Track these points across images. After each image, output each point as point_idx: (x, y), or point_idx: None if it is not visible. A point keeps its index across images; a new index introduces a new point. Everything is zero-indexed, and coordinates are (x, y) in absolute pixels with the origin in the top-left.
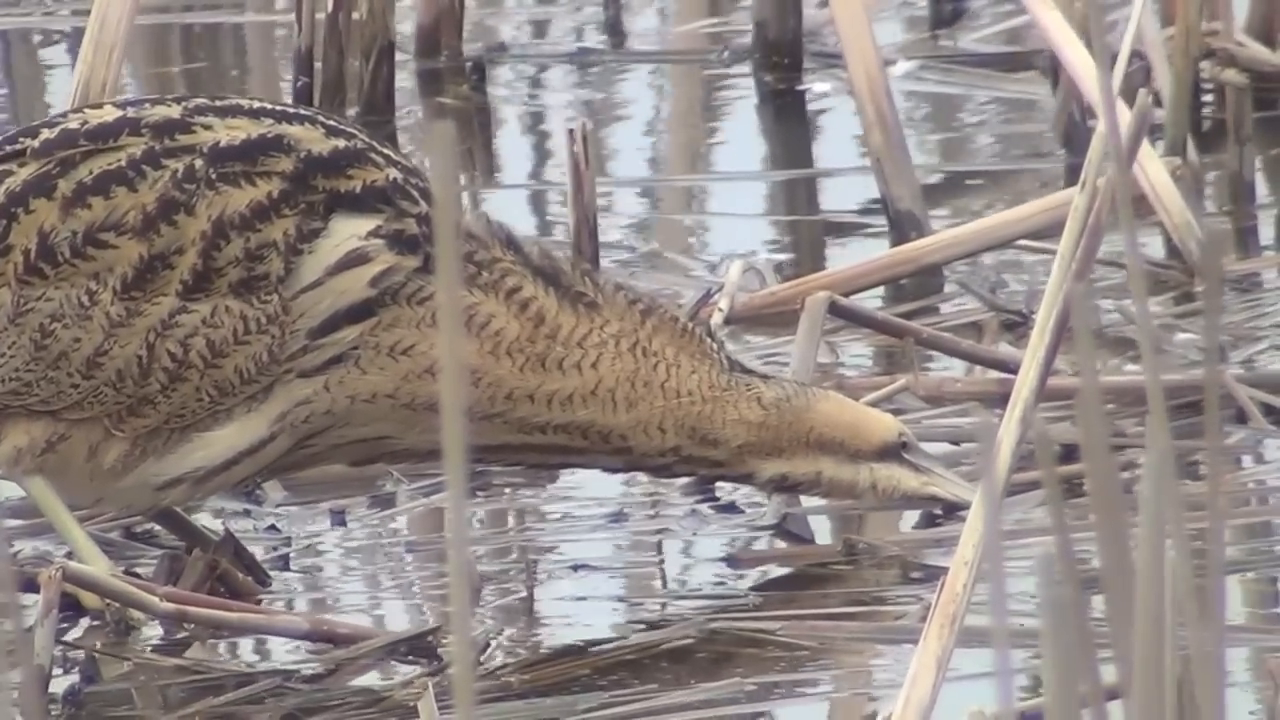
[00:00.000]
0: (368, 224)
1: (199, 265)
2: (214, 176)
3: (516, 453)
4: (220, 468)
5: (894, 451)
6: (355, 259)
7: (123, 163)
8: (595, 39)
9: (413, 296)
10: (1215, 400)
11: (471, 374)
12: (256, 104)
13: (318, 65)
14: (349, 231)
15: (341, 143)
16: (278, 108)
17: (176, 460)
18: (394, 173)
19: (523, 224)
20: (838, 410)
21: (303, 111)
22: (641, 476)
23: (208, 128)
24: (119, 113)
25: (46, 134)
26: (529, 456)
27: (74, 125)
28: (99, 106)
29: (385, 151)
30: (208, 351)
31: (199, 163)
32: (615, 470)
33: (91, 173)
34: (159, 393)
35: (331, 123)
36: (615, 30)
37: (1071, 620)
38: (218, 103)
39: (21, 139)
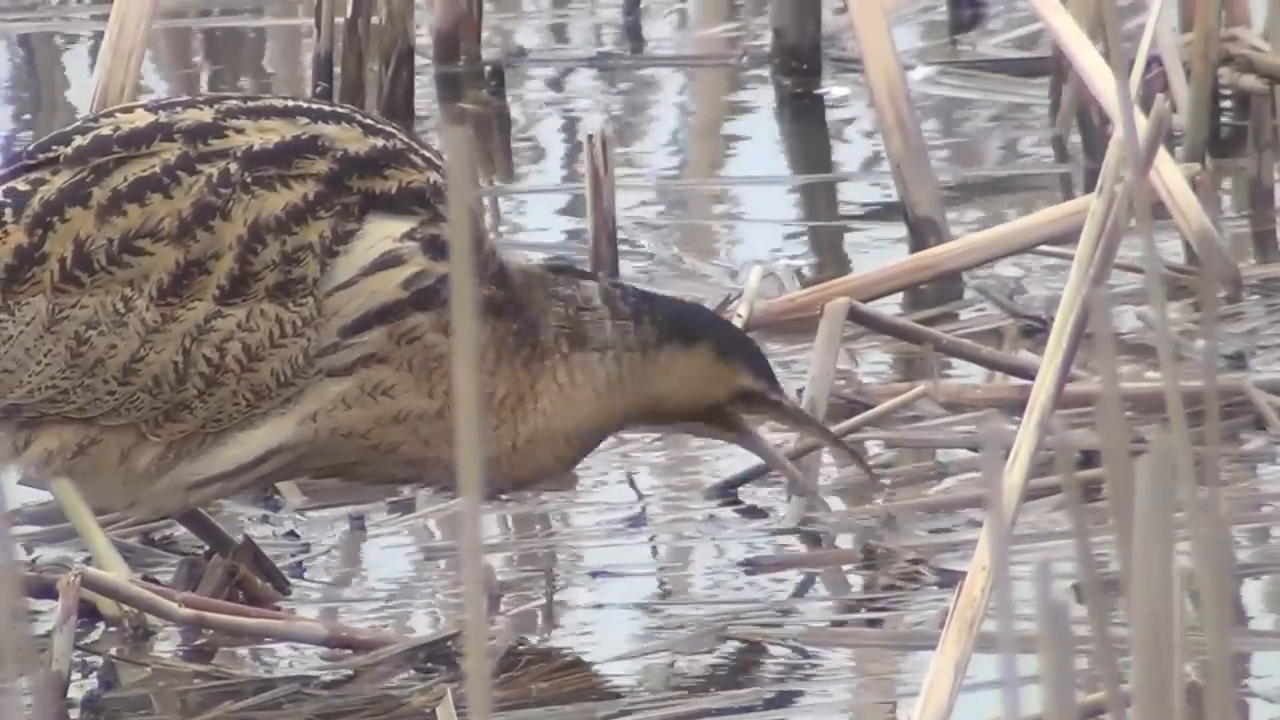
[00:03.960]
0: (402, 226)
1: (236, 270)
2: (249, 180)
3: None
4: (251, 464)
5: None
6: (389, 260)
7: (157, 169)
8: (614, 44)
9: (405, 335)
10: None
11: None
12: (291, 103)
13: (337, 70)
14: (384, 233)
15: (380, 142)
16: (313, 106)
17: (209, 461)
18: (434, 175)
19: (541, 230)
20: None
21: (340, 110)
22: (656, 480)
23: (240, 131)
24: (151, 117)
25: (79, 140)
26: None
27: (107, 131)
28: (130, 110)
29: (426, 154)
30: (244, 355)
31: (234, 167)
32: None
33: (126, 179)
34: (195, 398)
35: (370, 121)
36: (634, 35)
37: (1067, 627)
38: (250, 104)
39: (54, 146)
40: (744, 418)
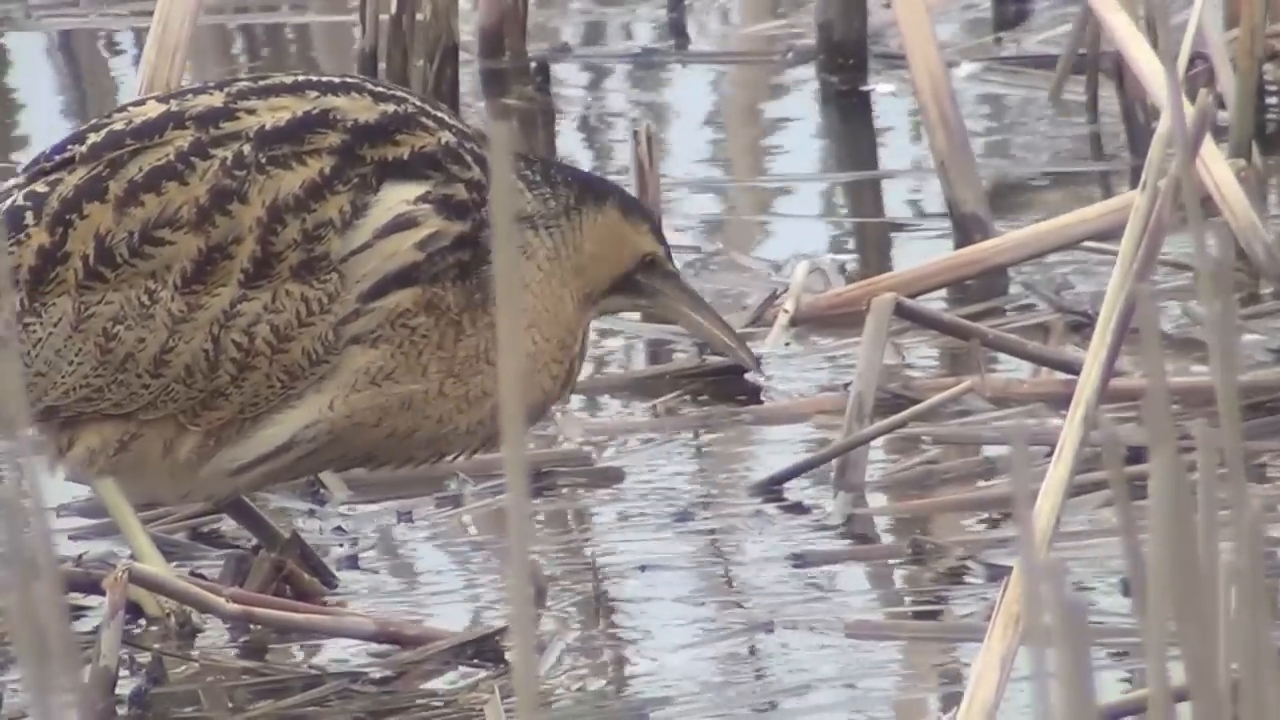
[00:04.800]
0: (417, 190)
1: (258, 252)
2: (264, 160)
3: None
4: (287, 445)
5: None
6: (402, 223)
7: (171, 157)
8: (658, 40)
9: (411, 333)
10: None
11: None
12: (300, 78)
13: (381, 66)
14: (398, 197)
15: (390, 108)
16: (323, 79)
17: (251, 445)
18: (447, 136)
19: None
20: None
21: (350, 80)
22: (702, 476)
23: (252, 112)
24: (163, 107)
25: (94, 138)
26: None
27: (119, 126)
28: (142, 103)
29: (439, 115)
30: (273, 337)
31: (247, 149)
32: None
33: (141, 170)
34: (229, 384)
35: (380, 89)
36: (678, 31)
37: (1085, 625)
38: (260, 83)
39: (70, 146)
40: (660, 285)
